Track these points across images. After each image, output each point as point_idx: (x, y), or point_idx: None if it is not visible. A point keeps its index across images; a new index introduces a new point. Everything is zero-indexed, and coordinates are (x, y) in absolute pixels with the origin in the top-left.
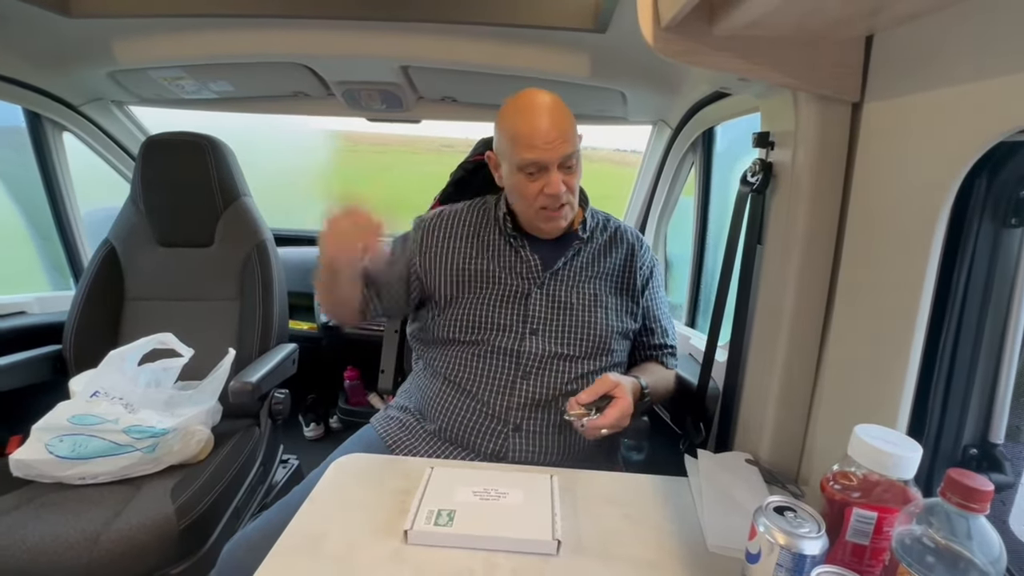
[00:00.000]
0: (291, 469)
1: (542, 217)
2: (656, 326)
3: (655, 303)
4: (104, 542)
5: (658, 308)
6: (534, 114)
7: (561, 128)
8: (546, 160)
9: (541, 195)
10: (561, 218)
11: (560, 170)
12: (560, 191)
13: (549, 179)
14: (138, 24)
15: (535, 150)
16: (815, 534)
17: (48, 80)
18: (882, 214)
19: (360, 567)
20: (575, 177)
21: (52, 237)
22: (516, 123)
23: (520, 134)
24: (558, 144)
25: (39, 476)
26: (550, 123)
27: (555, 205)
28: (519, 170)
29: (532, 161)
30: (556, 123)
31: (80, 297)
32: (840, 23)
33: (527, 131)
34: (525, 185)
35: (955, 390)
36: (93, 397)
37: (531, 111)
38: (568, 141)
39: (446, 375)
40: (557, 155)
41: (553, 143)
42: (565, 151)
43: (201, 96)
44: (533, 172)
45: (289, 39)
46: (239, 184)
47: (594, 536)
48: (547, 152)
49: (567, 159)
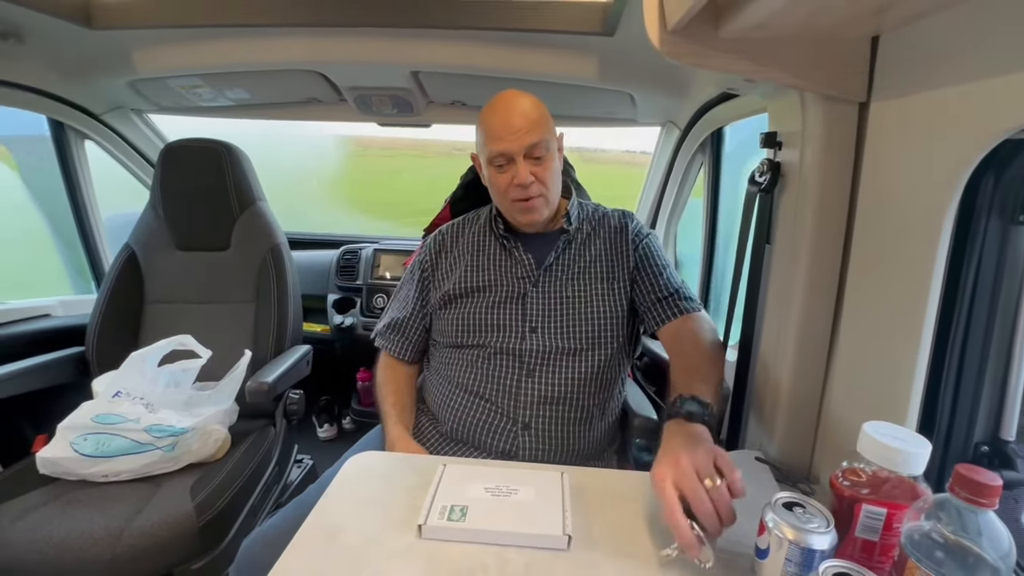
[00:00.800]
0: (305, 469)
1: (517, 209)
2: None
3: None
4: (127, 538)
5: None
6: (502, 109)
7: (526, 119)
8: (511, 150)
9: (511, 187)
10: (535, 210)
11: (527, 160)
12: (526, 180)
13: (516, 170)
14: (157, 34)
15: (500, 141)
16: (823, 529)
17: (70, 90)
18: (890, 213)
19: (375, 561)
20: (546, 168)
21: (75, 242)
22: (486, 120)
23: (489, 128)
24: (522, 134)
25: (64, 473)
26: (515, 115)
27: (524, 196)
28: (490, 164)
29: (499, 152)
30: (521, 115)
31: (102, 300)
32: (846, 23)
33: (494, 125)
34: (497, 178)
35: (965, 387)
36: (115, 397)
37: (499, 107)
38: (533, 131)
39: (454, 378)
40: (521, 144)
41: (517, 133)
42: (529, 140)
43: (217, 103)
44: (502, 164)
45: (303, 47)
46: (254, 189)
47: (605, 532)
48: (511, 143)
49: (532, 148)
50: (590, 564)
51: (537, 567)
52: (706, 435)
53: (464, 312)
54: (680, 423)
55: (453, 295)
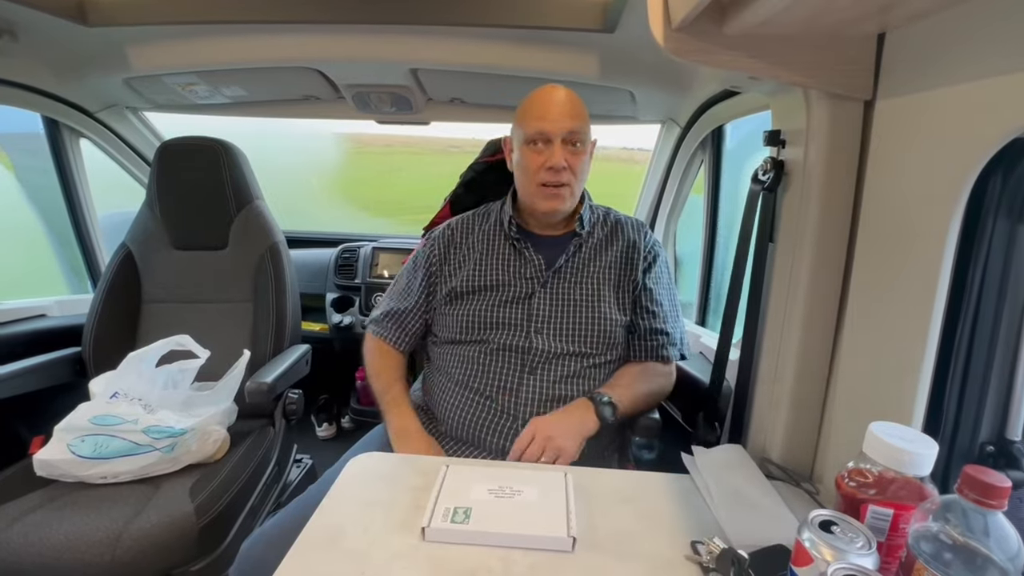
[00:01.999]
0: (305, 468)
1: (541, 195)
2: (657, 309)
3: (657, 287)
4: (126, 540)
5: (660, 293)
6: (547, 95)
7: (571, 105)
8: (551, 131)
9: (543, 169)
10: (560, 198)
11: (564, 146)
12: (560, 163)
13: (552, 151)
14: (153, 32)
15: (543, 121)
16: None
17: (65, 87)
18: (895, 211)
19: (379, 563)
20: (579, 160)
21: (71, 241)
22: (530, 103)
23: (531, 109)
24: (565, 119)
25: (62, 475)
26: (560, 101)
27: (555, 180)
28: (526, 143)
29: (538, 131)
30: (566, 101)
31: (98, 300)
32: (851, 21)
33: (538, 106)
34: (530, 158)
35: (971, 387)
36: (113, 398)
37: (545, 94)
38: (575, 119)
39: (454, 375)
40: (561, 127)
41: (559, 117)
42: (570, 126)
43: (214, 101)
44: (538, 143)
45: (300, 44)
46: (252, 187)
47: (609, 533)
48: (553, 124)
49: (572, 135)
50: (595, 566)
51: (542, 569)
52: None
53: (469, 309)
54: (586, 402)
55: (460, 292)
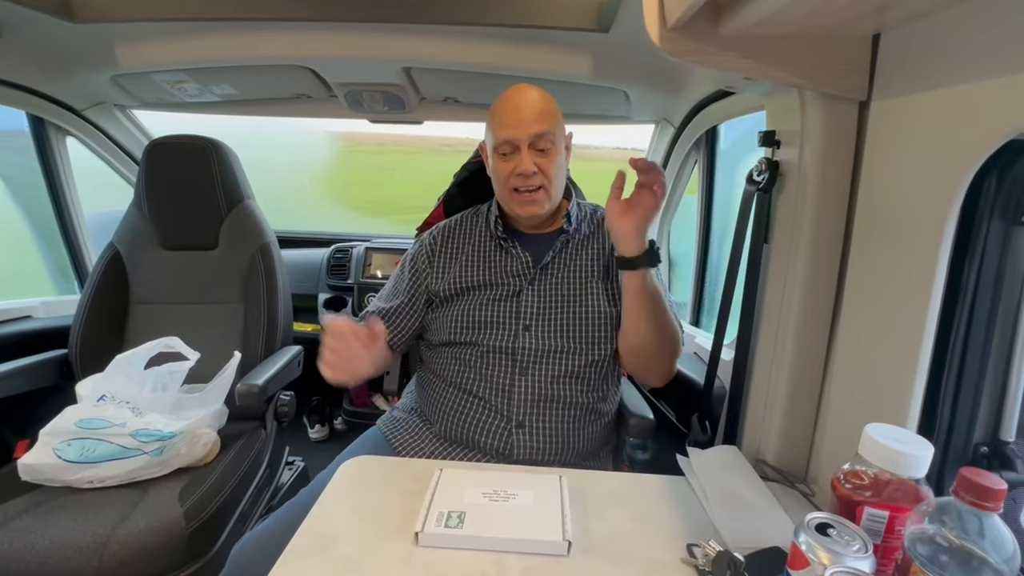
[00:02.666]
0: (297, 471)
1: (516, 201)
2: None
3: None
4: (113, 545)
5: None
6: (512, 99)
7: (534, 109)
8: (516, 138)
9: (513, 175)
10: (535, 203)
11: (532, 151)
12: (529, 170)
13: (520, 158)
14: (141, 28)
15: (507, 129)
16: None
17: (51, 85)
18: (890, 213)
19: (371, 569)
20: (550, 161)
21: (57, 241)
22: (496, 109)
23: (497, 117)
24: (529, 123)
25: (47, 480)
26: (524, 105)
27: (525, 185)
28: (495, 152)
29: (504, 140)
30: (529, 105)
31: (85, 301)
32: (847, 21)
33: (503, 112)
34: (500, 166)
35: (966, 388)
36: (100, 401)
37: (509, 97)
38: (540, 122)
39: (446, 377)
40: (526, 133)
41: (524, 122)
42: (535, 130)
43: (203, 99)
44: (506, 152)
45: (291, 42)
46: (242, 187)
47: (604, 536)
48: (517, 130)
49: (538, 139)
50: (590, 569)
51: (537, 573)
52: None
53: (458, 310)
54: None
55: (449, 294)
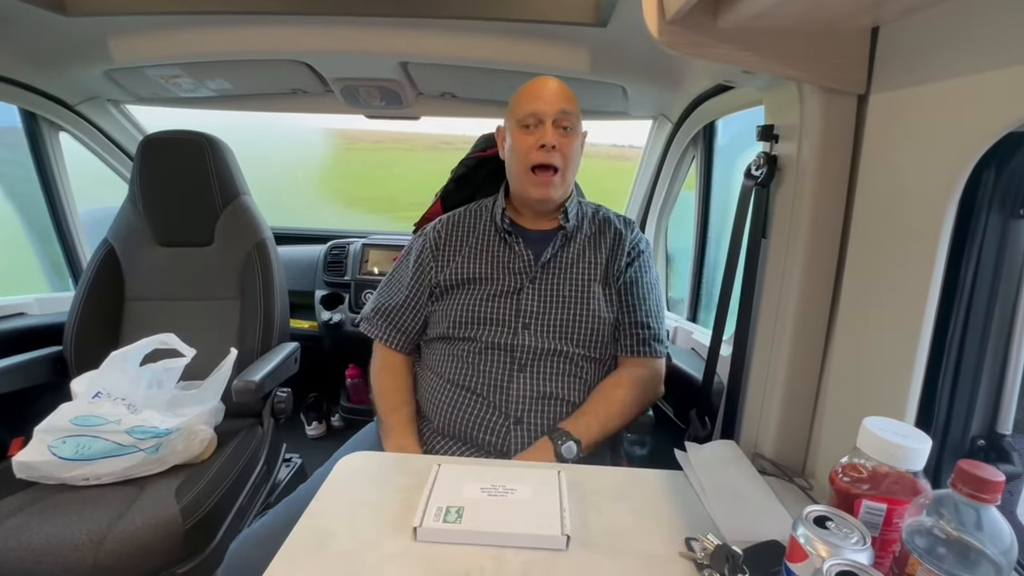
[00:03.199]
0: (294, 468)
1: (532, 181)
2: (639, 303)
3: (640, 280)
4: (109, 543)
5: (642, 287)
6: (540, 82)
7: (561, 89)
8: (544, 111)
9: (534, 150)
10: (550, 185)
11: (556, 129)
12: (551, 140)
13: (544, 131)
14: (134, 22)
15: (535, 101)
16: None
17: (43, 79)
18: (889, 207)
19: (369, 565)
20: (570, 143)
21: (51, 237)
22: (523, 90)
23: (525, 94)
24: (556, 100)
25: (42, 478)
26: (550, 87)
27: (545, 160)
28: (518, 125)
29: (531, 111)
30: (559, 88)
31: (80, 298)
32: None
33: (531, 90)
34: (522, 139)
35: (963, 381)
36: (95, 398)
37: (539, 81)
38: (567, 101)
39: (444, 373)
40: (554, 108)
41: (551, 98)
42: (563, 106)
43: (198, 94)
44: (530, 124)
45: (287, 36)
46: (238, 183)
47: (603, 531)
48: (545, 104)
49: (564, 116)
50: (589, 564)
51: (536, 569)
52: None
53: (457, 304)
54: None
55: (449, 285)
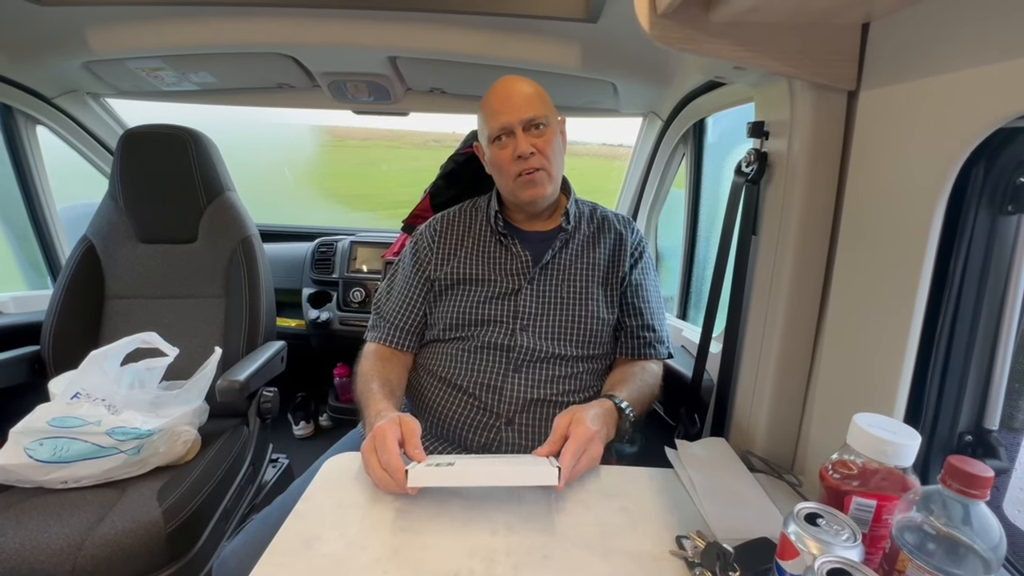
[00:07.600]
0: (281, 468)
1: (520, 185)
2: (645, 306)
3: (644, 283)
4: (89, 547)
5: (647, 290)
6: (499, 89)
7: (523, 95)
8: (509, 122)
9: (513, 161)
10: (537, 183)
11: (527, 133)
12: (526, 151)
13: (516, 142)
14: (114, 12)
15: (500, 115)
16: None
17: (19, 71)
18: (879, 203)
19: (356, 567)
20: (547, 142)
21: (28, 234)
22: (486, 103)
23: (488, 109)
24: (520, 108)
25: (18, 481)
26: (513, 93)
27: (526, 167)
28: (492, 144)
29: (499, 127)
30: (518, 91)
31: (58, 296)
32: (837, 9)
33: (494, 102)
34: (499, 155)
35: (951, 377)
36: (74, 399)
37: (497, 88)
38: (530, 105)
39: (437, 372)
40: (519, 116)
41: (515, 107)
42: (526, 113)
43: (181, 88)
44: (502, 138)
45: (273, 28)
46: (223, 178)
47: (593, 529)
48: (509, 115)
49: (531, 121)
50: (579, 562)
51: (527, 568)
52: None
53: (453, 305)
54: (607, 401)
55: (446, 284)
